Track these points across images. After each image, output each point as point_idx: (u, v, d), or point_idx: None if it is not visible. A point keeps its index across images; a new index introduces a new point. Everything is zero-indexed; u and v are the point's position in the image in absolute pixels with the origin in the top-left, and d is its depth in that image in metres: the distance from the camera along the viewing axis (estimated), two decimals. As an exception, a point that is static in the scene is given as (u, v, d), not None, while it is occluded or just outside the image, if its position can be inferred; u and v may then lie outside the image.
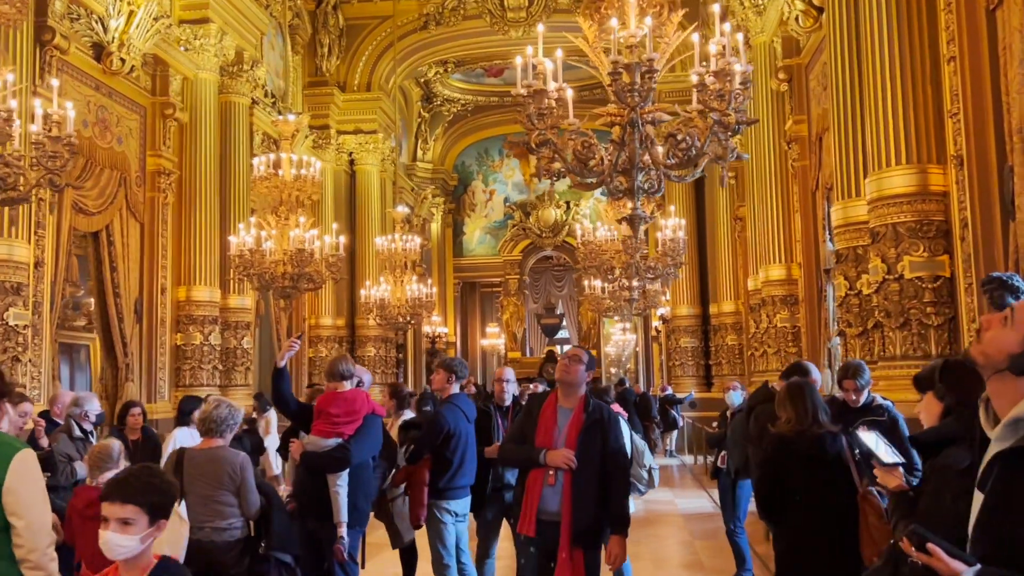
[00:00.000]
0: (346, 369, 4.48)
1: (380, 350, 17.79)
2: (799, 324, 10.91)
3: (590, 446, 3.72)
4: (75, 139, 5.01)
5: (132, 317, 10.79)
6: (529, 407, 3.99)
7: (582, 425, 3.77)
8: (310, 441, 4.36)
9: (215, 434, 3.71)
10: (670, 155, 4.38)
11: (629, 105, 3.99)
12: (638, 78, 3.96)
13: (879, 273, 6.15)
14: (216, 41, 12.15)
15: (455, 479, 4.74)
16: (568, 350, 4.04)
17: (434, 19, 17.71)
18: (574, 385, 3.89)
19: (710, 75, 4.13)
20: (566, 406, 3.88)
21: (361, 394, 4.42)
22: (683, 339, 16.99)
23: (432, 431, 4.69)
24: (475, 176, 25.35)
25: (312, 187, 9.87)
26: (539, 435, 3.82)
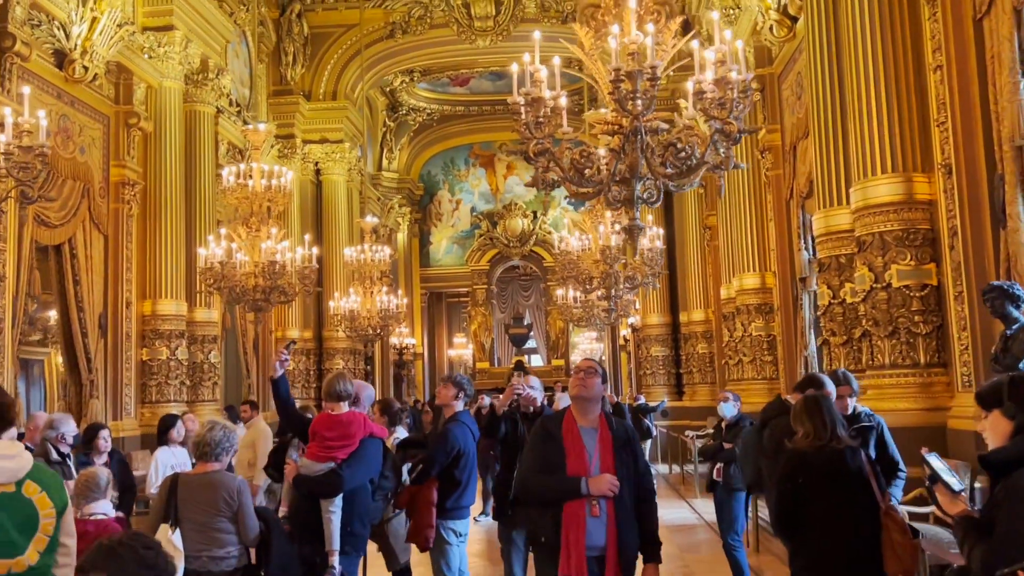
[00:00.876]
0: (343, 389, 4.30)
1: (349, 362, 17.53)
2: (774, 332, 10.94)
3: (624, 468, 3.41)
4: (47, 149, 4.79)
5: (96, 332, 10.46)
6: (546, 431, 3.55)
7: (612, 445, 3.44)
8: (304, 464, 4.20)
9: (210, 458, 3.53)
10: (667, 164, 4.30)
11: (632, 113, 3.90)
12: (640, 85, 3.87)
13: (866, 282, 6.14)
14: (181, 49, 11.89)
15: (462, 499, 4.60)
16: (580, 362, 3.70)
17: (400, 28, 17.58)
18: (593, 401, 3.55)
19: (710, 83, 4.07)
20: (587, 425, 3.51)
21: (358, 416, 4.25)
22: (654, 348, 16.98)
23: (442, 450, 4.54)
24: (441, 186, 25.21)
25: (283, 197, 9.67)
26: (570, 461, 3.39)
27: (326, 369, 17.44)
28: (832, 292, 7.01)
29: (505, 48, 18.13)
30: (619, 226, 8.76)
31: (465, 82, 22.52)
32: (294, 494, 4.28)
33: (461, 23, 17.37)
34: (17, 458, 2.42)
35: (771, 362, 10.90)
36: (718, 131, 4.03)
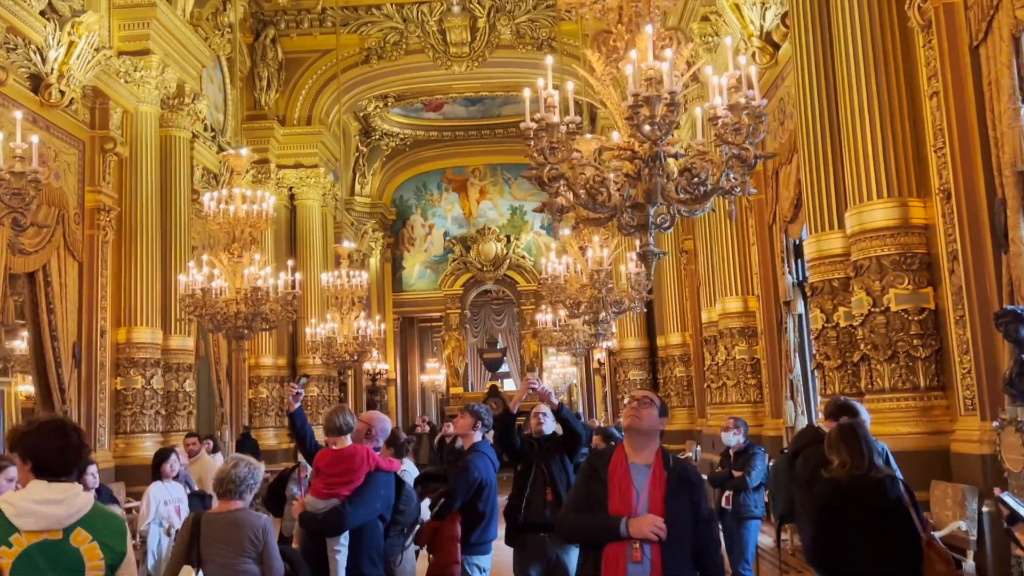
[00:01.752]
0: (344, 423, 4.16)
1: (323, 389, 17.28)
2: (758, 356, 10.97)
3: (679, 511, 3.07)
4: (40, 175, 4.65)
5: (70, 361, 10.18)
6: (592, 466, 3.26)
7: (666, 485, 3.12)
8: (308, 501, 4.05)
9: (234, 495, 3.39)
10: (678, 189, 4.27)
11: (650, 139, 3.87)
12: (658, 111, 3.84)
13: (864, 306, 6.16)
14: (157, 74, 11.73)
15: (486, 532, 4.48)
16: (636, 392, 3.39)
17: (376, 53, 17.55)
18: (648, 434, 3.21)
19: (724, 109, 4.06)
20: (640, 462, 3.18)
21: (361, 450, 4.11)
22: (632, 371, 16.98)
23: (465, 483, 4.42)
24: (414, 210, 25.12)
25: (265, 223, 9.53)
26: (613, 500, 3.10)
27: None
28: (826, 316, 7.03)
29: (480, 74, 18.20)
30: (633, 254, 8.74)
31: (439, 107, 22.53)
32: (302, 532, 4.13)
33: (437, 49, 17.39)
34: (66, 503, 2.25)
35: (755, 385, 10.92)
36: (734, 156, 4.01)
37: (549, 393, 4.88)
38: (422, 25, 17.37)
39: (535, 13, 17.37)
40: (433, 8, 17.31)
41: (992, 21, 5.09)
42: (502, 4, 17.34)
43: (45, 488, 2.25)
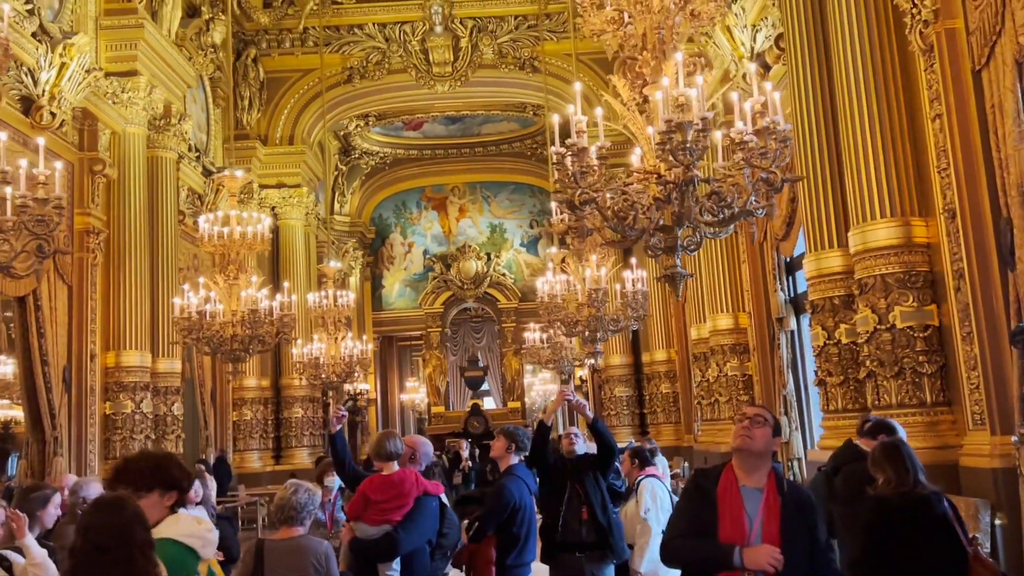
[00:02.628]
0: (395, 448, 4.17)
1: (308, 411, 17.17)
2: (749, 372, 11.09)
3: (795, 540, 2.85)
4: (63, 202, 4.63)
5: (60, 386, 10.05)
6: (699, 488, 3.02)
7: (781, 511, 2.88)
8: (359, 528, 4.05)
9: (295, 522, 3.38)
10: (702, 211, 4.35)
11: (684, 164, 3.94)
12: (691, 136, 3.92)
13: (869, 323, 6.27)
14: (145, 94, 11.67)
15: (522, 555, 4.48)
16: (746, 408, 3.12)
17: (358, 72, 17.58)
18: (760, 456, 2.98)
19: (751, 133, 4.14)
20: (751, 485, 2.95)
21: (410, 475, 4.12)
22: (618, 388, 17.06)
23: (498, 506, 4.42)
24: (393, 229, 25.08)
25: (261, 245, 9.51)
26: (724, 526, 2.87)
27: (284, 418, 17.07)
28: (827, 333, 7.15)
29: (462, 93, 18.29)
30: (629, 272, 8.83)
31: (419, 126, 22.57)
32: (351, 558, 4.12)
33: (419, 69, 17.46)
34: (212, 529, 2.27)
35: (747, 402, 11.02)
36: (762, 180, 4.10)
37: (584, 406, 4.91)
38: (404, 45, 17.44)
39: (517, 33, 17.52)
40: (416, 28, 17.40)
41: (995, 47, 5.24)
42: (484, 24, 17.47)
43: (194, 518, 2.27)
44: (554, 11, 17.29)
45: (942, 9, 5.72)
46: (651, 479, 5.26)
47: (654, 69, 4.35)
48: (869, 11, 6.47)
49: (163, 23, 12.62)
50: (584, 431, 6.19)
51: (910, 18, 5.99)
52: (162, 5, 12.82)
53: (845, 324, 7.05)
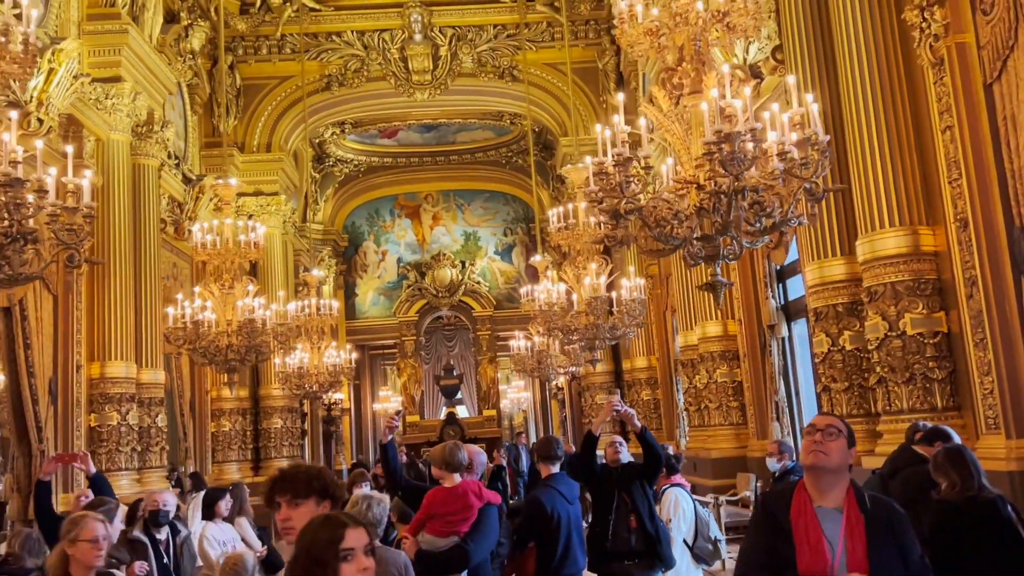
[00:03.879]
0: (462, 459, 4.14)
1: (287, 421, 16.98)
2: (739, 379, 11.22)
3: (887, 565, 2.53)
4: (94, 211, 4.55)
5: (47, 398, 9.83)
6: (769, 514, 2.69)
7: (867, 533, 2.56)
8: (425, 540, 4.01)
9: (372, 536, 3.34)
10: (742, 220, 4.41)
11: (732, 174, 3.99)
12: (738, 147, 3.98)
13: (880, 330, 6.40)
14: (129, 101, 11.49)
15: (563, 567, 4.47)
16: (817, 419, 2.78)
17: (337, 80, 17.48)
18: (836, 472, 2.67)
19: (792, 144, 4.22)
20: (828, 505, 2.64)
21: (472, 485, 4.10)
22: (599, 395, 17.13)
23: (529, 517, 4.42)
24: (366, 237, 24.93)
25: (257, 253, 9.41)
26: (803, 557, 2.56)
27: (263, 429, 16.85)
28: (831, 340, 7.27)
29: (441, 101, 18.27)
30: (626, 280, 8.88)
31: (393, 134, 22.48)
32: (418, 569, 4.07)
33: (399, 77, 17.42)
34: None
35: (738, 408, 11.16)
36: (805, 191, 4.17)
37: (632, 415, 4.92)
38: (384, 53, 17.39)
39: (496, 42, 17.56)
40: (395, 36, 17.35)
41: (1007, 60, 5.40)
42: (464, 33, 17.49)
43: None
44: (533, 20, 17.37)
45: (952, 24, 5.87)
46: (676, 488, 5.31)
47: (694, 80, 4.40)
48: (875, 24, 6.61)
49: (145, 29, 12.45)
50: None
51: (919, 32, 6.13)
52: (143, 10, 12.64)
53: (849, 331, 7.18)
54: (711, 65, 4.43)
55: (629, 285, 9.50)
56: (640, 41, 4.56)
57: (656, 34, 4.54)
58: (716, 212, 4.24)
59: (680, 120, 4.47)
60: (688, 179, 4.42)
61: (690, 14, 4.44)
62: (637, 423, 4.96)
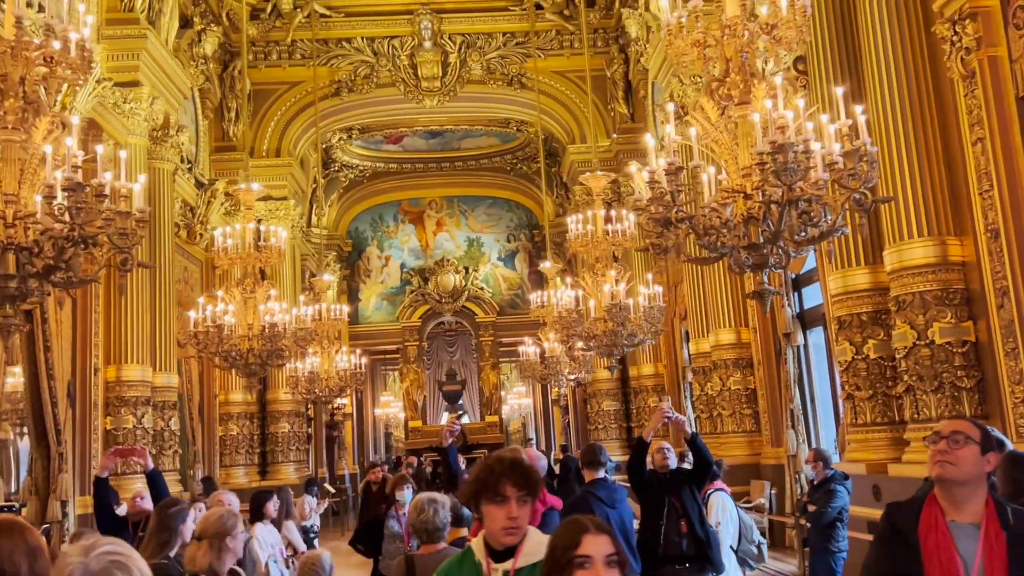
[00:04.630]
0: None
1: (294, 425, 16.99)
2: (752, 386, 11.28)
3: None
4: (147, 215, 4.59)
5: (65, 401, 9.83)
6: (895, 529, 2.46)
7: (1008, 553, 2.30)
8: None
9: (436, 539, 3.39)
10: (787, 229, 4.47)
11: (786, 184, 4.06)
12: (791, 158, 4.04)
13: (908, 339, 6.47)
14: (147, 105, 11.54)
15: None
16: (943, 424, 2.52)
17: (346, 86, 17.55)
18: (968, 484, 2.41)
19: (839, 154, 4.29)
20: (963, 520, 2.39)
21: None
22: (605, 402, 17.18)
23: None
24: (370, 242, 24.97)
25: (278, 258, 9.45)
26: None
27: (270, 433, 16.86)
28: (855, 348, 7.34)
29: (449, 108, 18.35)
30: (643, 288, 8.94)
31: (399, 140, 22.55)
32: None
33: (408, 83, 17.49)
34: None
35: (751, 415, 11.23)
36: (854, 201, 4.24)
37: (683, 422, 4.97)
38: (393, 59, 17.47)
39: (505, 50, 17.65)
40: (405, 43, 17.44)
41: (1040, 74, 5.48)
42: (473, 40, 17.58)
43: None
44: (542, 28, 17.47)
45: (984, 37, 5.96)
46: (720, 492, 5.36)
47: (742, 92, 4.47)
48: (903, 37, 6.70)
49: (161, 33, 12.49)
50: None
51: (949, 45, 6.22)
52: (160, 15, 12.69)
53: (873, 340, 7.25)
54: (759, 76, 4.50)
55: (647, 292, 9.57)
56: (687, 52, 4.62)
57: (703, 45, 4.60)
58: (765, 221, 4.30)
59: (727, 130, 4.53)
60: (735, 188, 4.48)
61: (738, 26, 4.51)
62: (688, 429, 5.01)
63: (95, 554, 1.41)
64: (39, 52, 4.46)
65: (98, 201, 4.15)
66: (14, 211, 4.34)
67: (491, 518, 2.43)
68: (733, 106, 4.55)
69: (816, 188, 4.36)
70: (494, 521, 2.42)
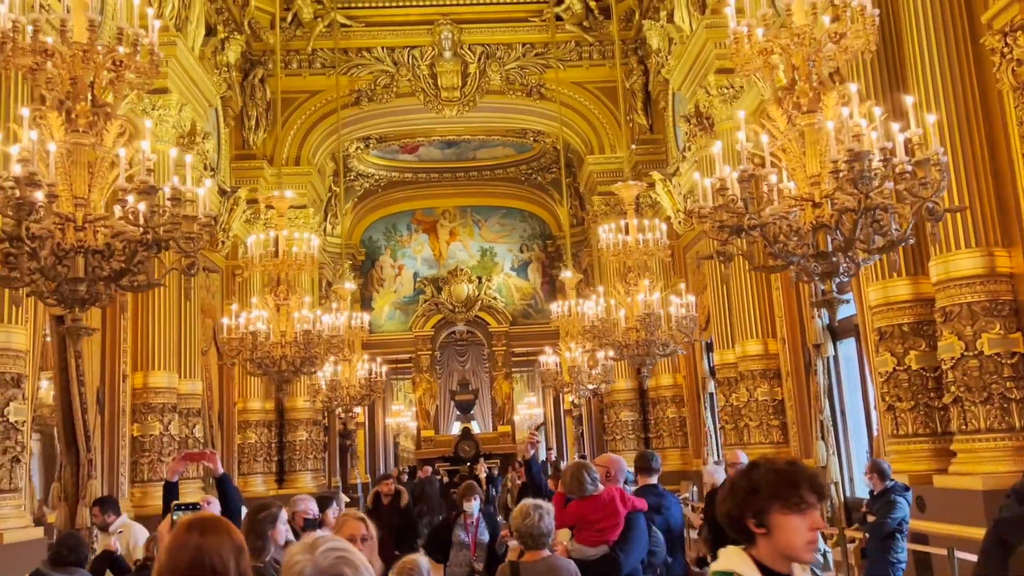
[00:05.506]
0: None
1: (312, 434, 16.96)
2: (780, 397, 11.25)
3: None
4: (213, 220, 4.60)
5: (95, 408, 9.82)
6: (1001, 539, 2.47)
7: None
8: (574, 548, 4.04)
9: (541, 546, 3.38)
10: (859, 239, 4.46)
11: (863, 192, 4.06)
12: (868, 166, 4.04)
13: (956, 350, 6.46)
14: (176, 112, 11.58)
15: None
16: None
17: (366, 95, 17.60)
18: None
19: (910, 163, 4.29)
20: None
21: (616, 492, 4.13)
22: (623, 412, 17.14)
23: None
24: (383, 251, 24.98)
25: (312, 264, 9.46)
26: None
27: (288, 441, 16.82)
28: (896, 359, 7.32)
29: (467, 118, 18.39)
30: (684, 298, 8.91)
31: (414, 149, 22.60)
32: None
33: (428, 93, 17.55)
34: None
35: (778, 426, 11.19)
36: (927, 210, 4.24)
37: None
38: (413, 69, 17.53)
39: (524, 60, 17.71)
40: (424, 53, 17.51)
41: (1095, 86, 5.48)
42: (492, 51, 17.65)
43: None
44: (562, 39, 17.53)
45: (1036, 49, 5.97)
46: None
47: (812, 100, 4.47)
48: (950, 49, 6.71)
49: (188, 40, 12.54)
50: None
51: (999, 57, 6.23)
52: (187, 23, 12.75)
53: (915, 351, 7.24)
54: (827, 85, 4.51)
55: (680, 302, 9.57)
56: (753, 60, 4.63)
57: (769, 53, 4.61)
58: (837, 230, 4.30)
59: (797, 138, 4.54)
60: (804, 197, 4.48)
61: (807, 35, 4.52)
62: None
63: (321, 551, 1.41)
64: (109, 56, 4.46)
65: (172, 205, 4.14)
66: (84, 214, 4.34)
67: (790, 531, 2.04)
68: (800, 114, 4.55)
69: (886, 197, 4.36)
70: (796, 534, 2.05)
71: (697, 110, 12.78)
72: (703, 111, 12.56)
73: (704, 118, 12.51)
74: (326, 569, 1.42)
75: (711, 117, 12.37)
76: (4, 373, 6.93)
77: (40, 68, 4.39)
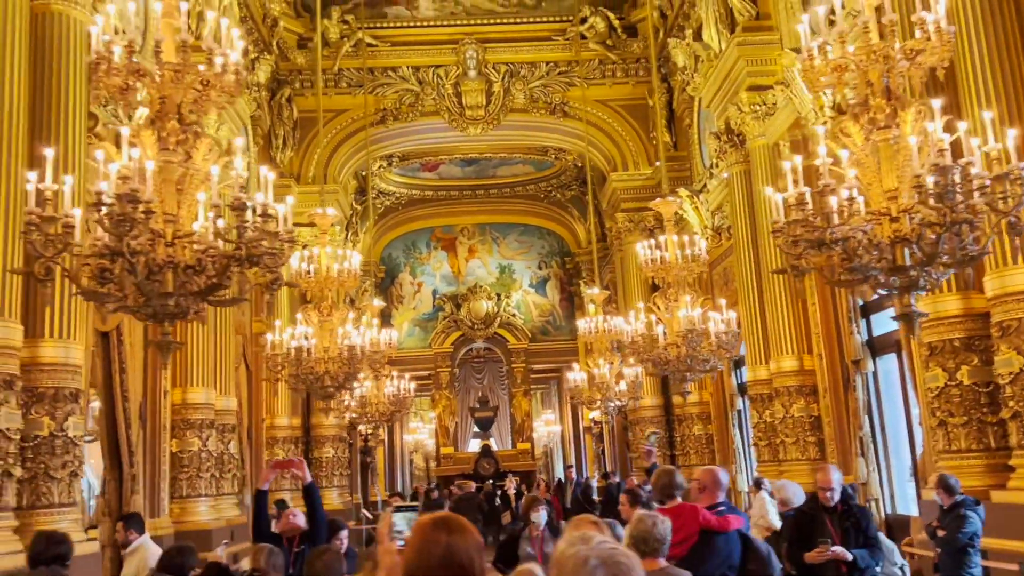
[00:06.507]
0: (680, 482, 4.18)
1: (338, 450, 16.99)
2: (816, 413, 11.24)
3: None
4: (295, 236, 4.66)
5: (138, 423, 9.88)
6: None
7: None
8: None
9: (658, 554, 3.39)
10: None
11: (949, 207, 4.11)
12: (952, 180, 4.09)
13: (1014, 365, 6.47)
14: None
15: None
16: None
17: (392, 114, 17.74)
18: None
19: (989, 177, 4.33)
20: None
21: (688, 508, 4.14)
22: (648, 429, 17.13)
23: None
24: (403, 268, 25.10)
25: (355, 281, 9.53)
26: None
27: (314, 457, 16.85)
28: (948, 374, 7.33)
29: (491, 136, 18.52)
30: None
31: (435, 167, 22.74)
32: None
33: (452, 112, 17.68)
34: None
35: (815, 443, 11.17)
36: (1009, 225, 4.28)
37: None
38: (438, 88, 17.67)
39: (548, 79, 17.85)
40: (449, 72, 17.66)
41: None
42: (516, 69, 17.79)
43: None
44: (586, 58, 17.67)
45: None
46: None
47: (888, 115, 4.53)
48: (1003, 53, 6.76)
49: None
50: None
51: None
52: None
53: (967, 366, 7.25)
54: (904, 101, 4.56)
55: (721, 318, 9.60)
56: (825, 74, 4.69)
57: (843, 69, 4.67)
58: (917, 244, 4.34)
59: (873, 153, 4.59)
60: (881, 211, 4.53)
61: (881, 52, 4.58)
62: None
63: (596, 542, 1.46)
64: (197, 76, 4.55)
65: (263, 222, 4.21)
66: (173, 230, 4.41)
67: None
68: (876, 130, 4.61)
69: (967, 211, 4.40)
70: None
71: (727, 127, 12.85)
72: (734, 128, 12.64)
73: (735, 135, 12.58)
74: (605, 558, 1.48)
75: (743, 134, 12.44)
76: (63, 388, 6.99)
77: (131, 88, 4.47)
